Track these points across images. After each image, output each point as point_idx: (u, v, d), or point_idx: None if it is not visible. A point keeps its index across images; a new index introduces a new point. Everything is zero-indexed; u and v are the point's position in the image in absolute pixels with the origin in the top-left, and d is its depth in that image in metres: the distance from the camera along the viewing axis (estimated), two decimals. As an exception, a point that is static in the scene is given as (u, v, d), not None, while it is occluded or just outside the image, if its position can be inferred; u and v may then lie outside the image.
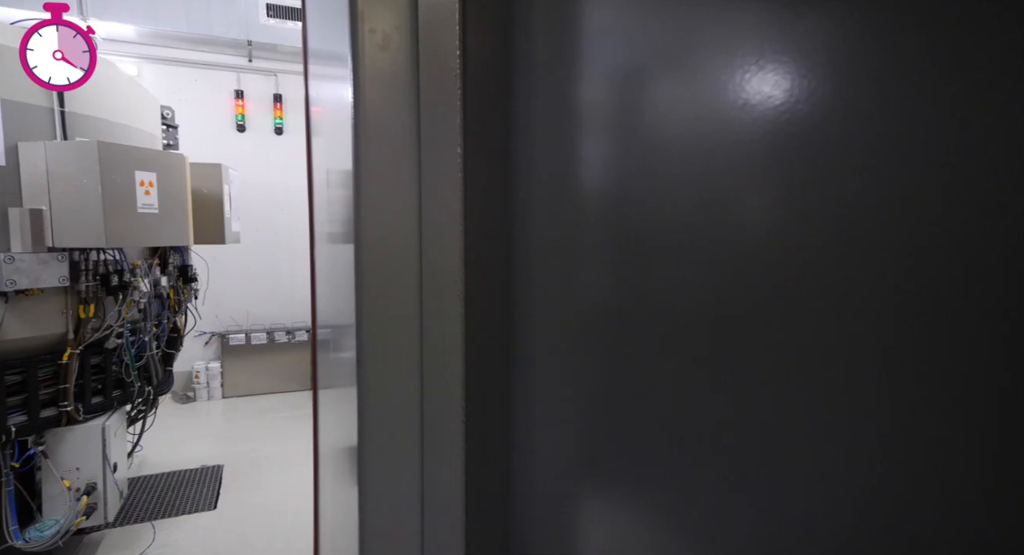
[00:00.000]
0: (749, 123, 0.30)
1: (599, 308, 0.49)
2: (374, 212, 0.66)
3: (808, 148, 0.27)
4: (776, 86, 0.28)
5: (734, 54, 0.31)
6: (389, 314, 0.66)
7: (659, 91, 0.38)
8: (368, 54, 0.64)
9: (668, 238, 0.39)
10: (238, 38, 4.32)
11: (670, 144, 0.38)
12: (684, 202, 0.37)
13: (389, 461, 0.68)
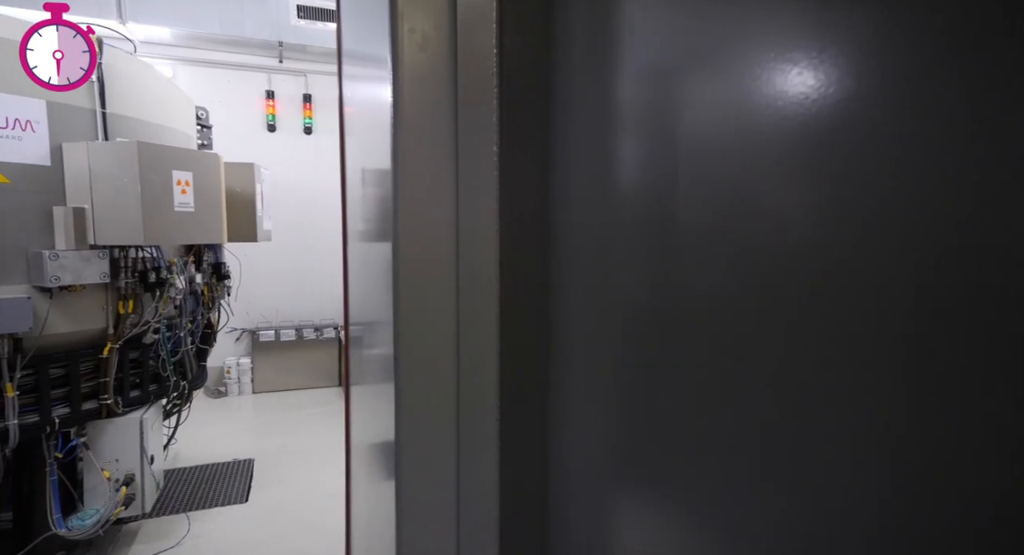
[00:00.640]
0: (791, 122, 0.30)
1: (635, 308, 0.49)
2: (412, 211, 0.66)
3: (845, 145, 0.27)
4: (819, 82, 0.28)
5: (776, 51, 0.30)
6: (426, 312, 0.67)
7: (699, 89, 0.38)
8: (408, 54, 0.64)
9: (706, 237, 0.38)
10: (269, 39, 4.39)
11: (709, 143, 0.37)
12: (723, 201, 0.36)
13: (425, 458, 0.68)
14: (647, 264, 0.47)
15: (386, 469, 0.77)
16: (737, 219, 0.35)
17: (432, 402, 0.67)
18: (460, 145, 0.64)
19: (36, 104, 1.86)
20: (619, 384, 0.52)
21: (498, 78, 0.61)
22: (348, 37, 1.16)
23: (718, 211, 0.37)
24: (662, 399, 0.45)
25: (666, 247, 0.44)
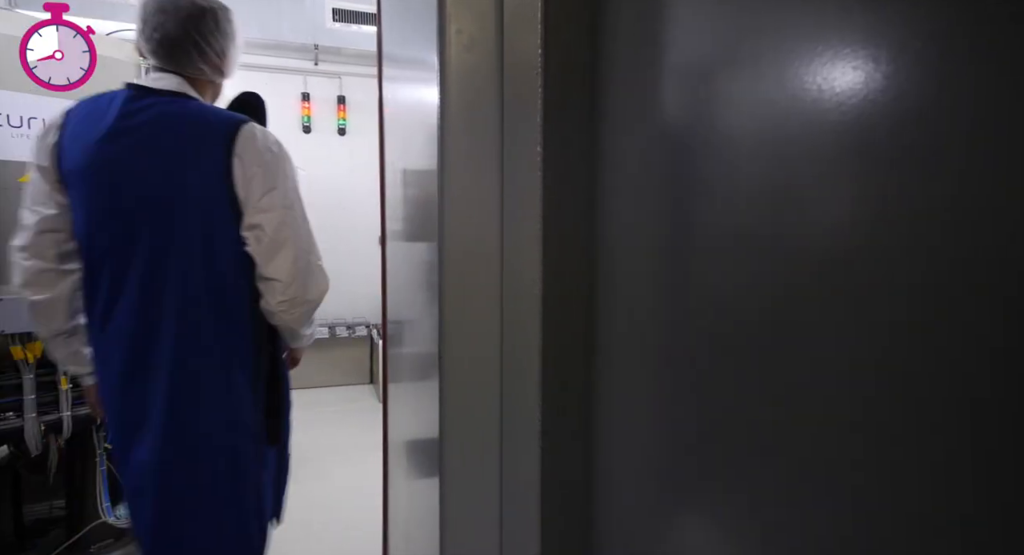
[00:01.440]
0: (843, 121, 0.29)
1: (683, 310, 0.48)
2: (458, 211, 0.67)
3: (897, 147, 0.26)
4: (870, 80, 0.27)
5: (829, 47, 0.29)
6: (470, 312, 0.67)
7: (755, 88, 0.37)
8: (455, 55, 0.65)
9: (764, 243, 0.37)
10: (306, 43, 4.48)
11: (765, 146, 0.37)
12: (784, 205, 0.35)
13: (469, 456, 0.69)
14: (695, 267, 0.46)
15: (428, 466, 0.78)
16: (797, 225, 0.34)
17: (475, 401, 0.68)
18: (505, 146, 0.64)
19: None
20: (665, 386, 0.52)
21: (543, 78, 0.61)
22: (389, 40, 1.18)
23: (777, 215, 0.36)
24: (710, 402, 0.45)
25: (718, 251, 0.43)
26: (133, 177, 1.15)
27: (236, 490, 1.25)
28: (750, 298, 0.39)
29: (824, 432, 0.32)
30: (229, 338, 1.22)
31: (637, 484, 0.57)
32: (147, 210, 1.15)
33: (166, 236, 1.15)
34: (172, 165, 1.15)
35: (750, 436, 0.39)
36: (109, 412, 1.24)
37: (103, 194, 1.15)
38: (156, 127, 1.15)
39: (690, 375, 0.47)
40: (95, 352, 1.23)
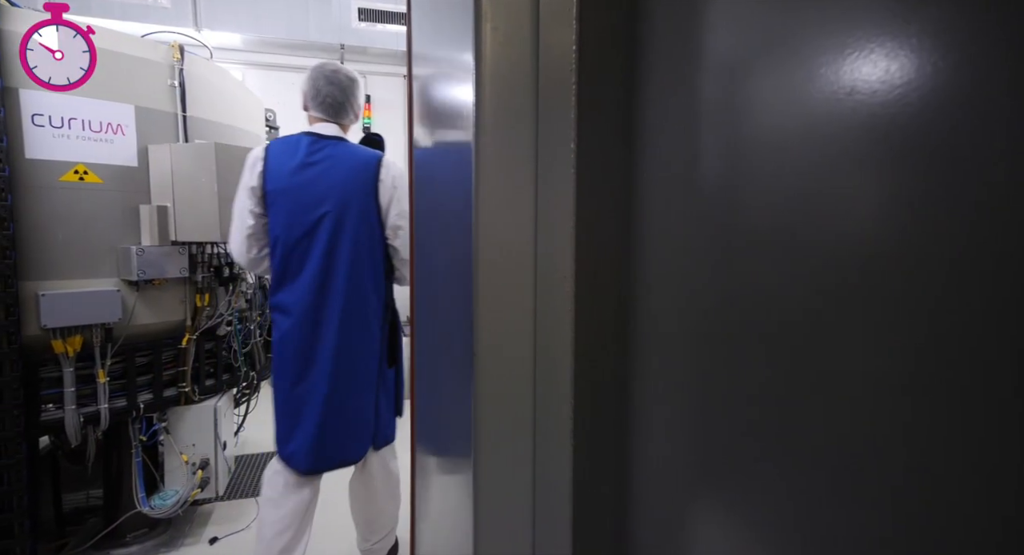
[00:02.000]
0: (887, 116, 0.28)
1: (718, 307, 0.48)
2: (492, 209, 0.67)
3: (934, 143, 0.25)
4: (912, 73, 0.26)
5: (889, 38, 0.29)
6: (504, 310, 0.67)
7: (798, 86, 0.36)
8: (490, 52, 0.65)
9: (800, 239, 0.37)
10: (332, 42, 4.53)
11: (804, 140, 0.36)
12: (829, 202, 0.34)
13: (502, 454, 0.69)
14: (733, 266, 0.46)
15: (459, 463, 0.79)
16: (840, 224, 0.34)
17: (508, 399, 0.68)
18: (540, 143, 0.64)
19: (126, 109, 1.98)
20: (701, 386, 0.51)
21: (576, 75, 0.61)
22: (419, 40, 1.19)
23: (819, 214, 0.35)
24: (746, 402, 0.44)
25: (756, 250, 0.43)
26: (316, 195, 1.79)
27: (370, 386, 1.90)
28: (789, 297, 0.38)
29: (866, 432, 0.32)
30: (372, 296, 1.85)
31: (672, 484, 0.57)
32: (324, 216, 1.78)
33: (337, 232, 1.79)
34: (341, 187, 1.80)
35: (789, 437, 0.39)
36: (289, 344, 1.83)
37: (296, 206, 1.78)
38: (330, 162, 1.81)
39: (726, 375, 0.47)
40: (281, 307, 1.84)
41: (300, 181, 1.77)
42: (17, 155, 1.80)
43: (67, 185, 1.90)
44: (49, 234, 1.88)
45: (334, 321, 1.80)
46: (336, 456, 1.89)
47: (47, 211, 1.87)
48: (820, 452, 0.35)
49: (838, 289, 0.33)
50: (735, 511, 0.47)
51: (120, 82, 1.99)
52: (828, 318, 0.35)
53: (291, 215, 1.78)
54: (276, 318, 1.86)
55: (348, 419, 1.86)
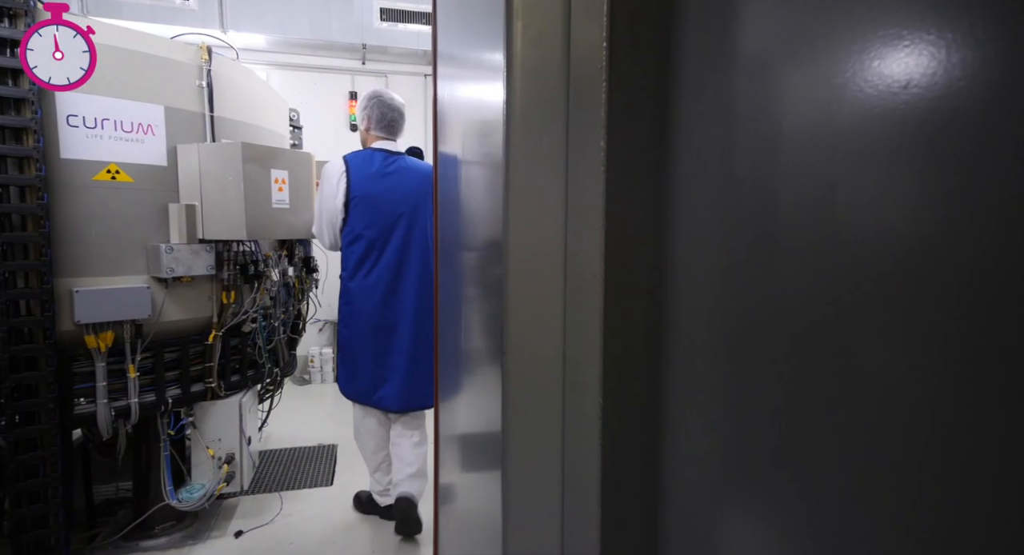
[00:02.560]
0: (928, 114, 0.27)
1: (753, 307, 0.47)
2: (523, 207, 0.67)
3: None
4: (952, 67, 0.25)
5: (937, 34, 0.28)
6: (535, 310, 0.67)
7: (844, 77, 0.35)
8: (521, 50, 0.65)
9: (836, 238, 0.36)
10: (354, 42, 4.57)
11: (850, 138, 0.35)
12: (862, 200, 0.34)
13: (532, 452, 0.69)
14: (769, 265, 0.45)
15: (486, 460, 0.79)
16: (882, 222, 0.33)
17: (538, 398, 0.68)
18: (570, 141, 0.64)
19: (156, 109, 2.03)
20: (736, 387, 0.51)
21: (607, 72, 0.61)
22: (444, 39, 1.19)
23: (860, 213, 0.35)
24: (784, 403, 0.43)
25: (793, 249, 0.42)
26: (394, 200, 2.32)
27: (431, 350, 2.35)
28: (825, 299, 0.38)
29: (903, 436, 0.31)
30: (431, 278, 2.31)
31: (703, 487, 0.56)
32: (401, 216, 2.31)
33: (408, 229, 2.32)
34: (413, 193, 2.35)
35: (823, 440, 0.38)
36: (370, 319, 2.33)
37: (374, 209, 2.29)
38: (403, 173, 2.35)
39: (759, 376, 0.46)
40: (360, 290, 2.34)
41: (381, 189, 2.29)
42: (53, 155, 1.85)
43: (100, 184, 1.94)
44: (82, 232, 1.93)
45: (411, 299, 2.33)
46: (414, 403, 2.40)
47: (81, 210, 1.92)
48: (855, 456, 0.35)
49: (876, 292, 0.33)
50: (766, 515, 0.47)
51: (151, 83, 2.03)
52: (865, 321, 0.34)
53: (373, 216, 2.29)
54: (353, 299, 2.37)
55: (426, 377, 2.38)
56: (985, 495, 0.26)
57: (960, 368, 0.27)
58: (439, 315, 1.32)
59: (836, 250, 0.36)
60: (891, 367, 0.32)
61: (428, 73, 5.14)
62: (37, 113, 1.78)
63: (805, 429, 0.40)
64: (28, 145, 1.78)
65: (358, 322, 2.35)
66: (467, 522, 0.98)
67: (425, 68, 5.10)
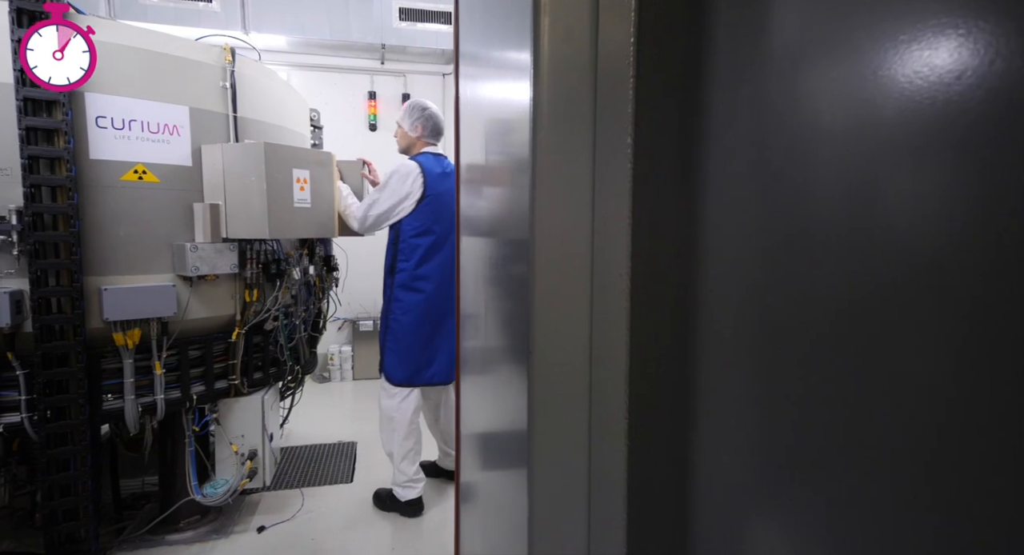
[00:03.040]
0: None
1: (785, 305, 0.46)
2: (549, 205, 0.66)
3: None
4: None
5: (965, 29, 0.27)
6: (561, 307, 0.67)
7: (887, 69, 0.34)
8: (549, 47, 0.64)
9: (871, 236, 0.35)
10: (373, 42, 4.60)
11: (883, 138, 0.34)
12: (894, 198, 0.33)
13: (558, 451, 0.68)
14: (800, 263, 0.44)
15: (510, 458, 0.79)
16: (919, 222, 0.32)
17: (564, 395, 0.68)
18: (597, 137, 0.64)
19: (181, 110, 2.06)
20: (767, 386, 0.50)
21: (635, 68, 0.60)
22: (467, 38, 1.19)
23: (895, 212, 0.34)
24: (816, 402, 0.42)
25: (824, 247, 0.41)
26: (453, 199, 2.28)
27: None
28: (867, 297, 0.37)
29: (938, 432, 0.30)
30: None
31: (736, 488, 0.55)
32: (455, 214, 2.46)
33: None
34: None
35: (859, 439, 0.37)
36: (432, 304, 2.52)
37: (442, 206, 2.51)
38: (453, 175, 2.41)
39: (792, 377, 0.45)
40: (425, 277, 2.52)
41: (445, 188, 2.52)
42: (82, 156, 1.89)
43: (127, 184, 1.98)
44: (111, 231, 1.97)
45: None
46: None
47: (109, 209, 1.96)
48: (896, 457, 0.34)
49: (918, 290, 0.32)
50: (800, 520, 0.46)
51: (177, 85, 2.07)
52: (906, 321, 0.33)
53: (440, 212, 2.52)
54: (419, 285, 2.54)
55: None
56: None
57: (1008, 368, 0.26)
58: (459, 312, 1.33)
59: (876, 249, 0.35)
60: (933, 367, 0.31)
61: (446, 72, 5.15)
62: (67, 115, 1.82)
63: (842, 429, 0.39)
64: (59, 146, 1.82)
65: (419, 308, 2.52)
66: (489, 519, 0.98)
67: (443, 67, 5.11)
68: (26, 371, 1.86)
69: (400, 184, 2.49)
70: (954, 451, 0.29)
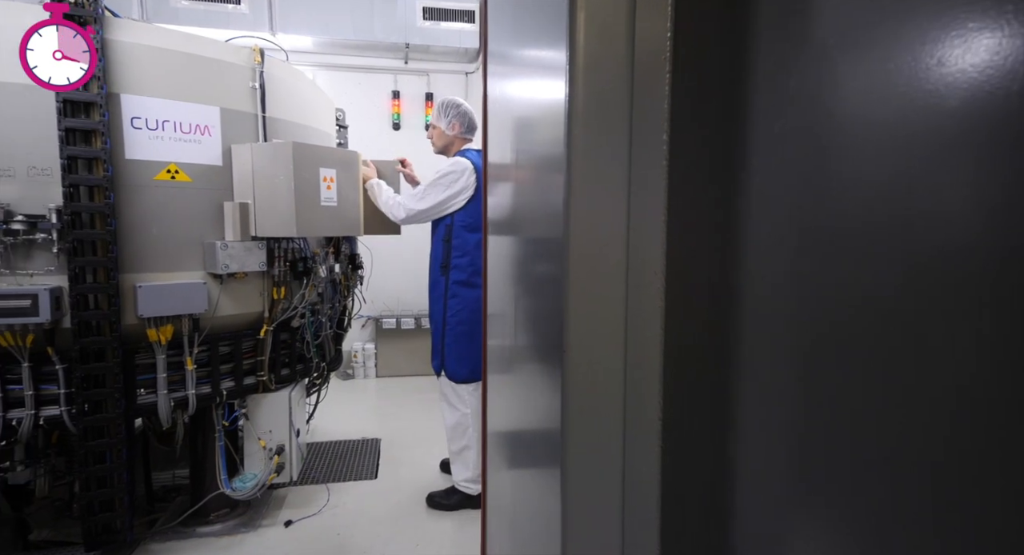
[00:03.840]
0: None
1: (827, 305, 0.45)
2: (584, 203, 0.66)
3: None
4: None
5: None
6: (595, 306, 0.66)
7: (950, 64, 0.33)
8: (584, 44, 0.64)
9: (920, 236, 0.34)
10: (396, 42, 4.62)
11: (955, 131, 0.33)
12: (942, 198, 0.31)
13: (592, 451, 0.68)
14: (844, 263, 0.43)
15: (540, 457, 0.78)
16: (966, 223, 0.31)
17: (598, 395, 0.67)
18: (633, 135, 0.63)
19: (212, 111, 2.10)
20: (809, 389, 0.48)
21: (671, 64, 0.59)
22: (495, 36, 1.19)
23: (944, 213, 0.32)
24: (859, 404, 0.41)
25: (868, 248, 0.40)
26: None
27: None
28: (911, 297, 0.36)
29: (984, 434, 0.29)
30: None
31: (772, 490, 0.54)
32: None
33: None
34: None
35: (909, 443, 0.36)
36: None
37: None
38: None
39: (839, 377, 0.44)
40: (479, 272, 2.48)
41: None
42: (118, 156, 1.94)
43: (160, 184, 2.03)
44: (144, 230, 2.01)
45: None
46: None
47: (143, 208, 2.00)
48: (948, 463, 0.32)
49: (972, 291, 0.31)
50: (843, 528, 0.44)
51: (208, 85, 2.10)
52: (956, 321, 0.32)
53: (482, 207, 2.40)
54: (478, 280, 2.55)
55: None
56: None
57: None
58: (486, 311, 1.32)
59: (928, 247, 0.34)
60: (987, 369, 0.30)
61: (469, 71, 5.16)
62: (104, 116, 1.86)
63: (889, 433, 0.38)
64: (96, 147, 1.87)
65: (479, 303, 2.57)
66: (518, 518, 0.97)
67: (466, 66, 5.12)
68: (65, 366, 1.91)
69: (455, 181, 2.51)
70: (1017, 457, 0.28)
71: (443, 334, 2.59)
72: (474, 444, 2.59)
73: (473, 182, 2.54)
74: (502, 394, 1.15)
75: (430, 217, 2.57)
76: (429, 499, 2.67)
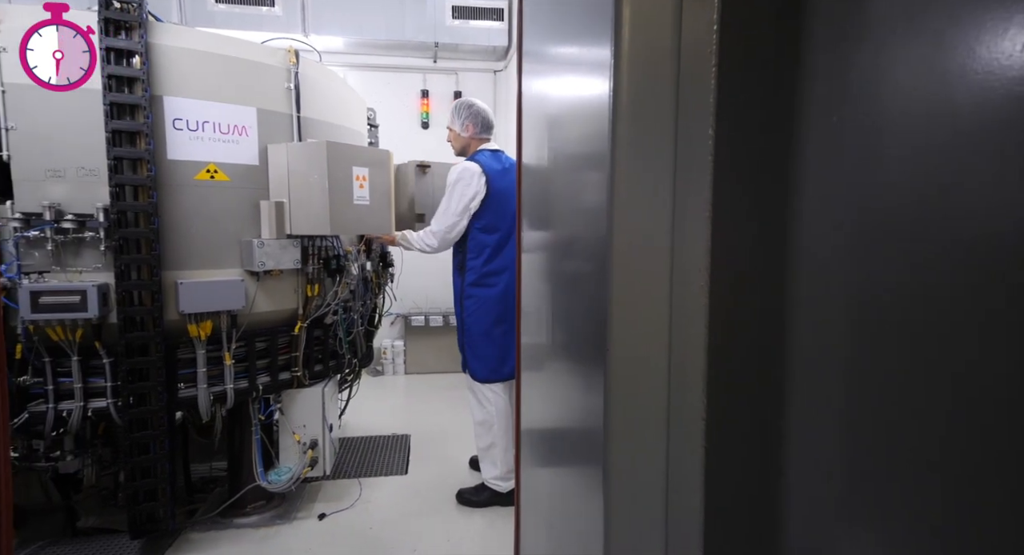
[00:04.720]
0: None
1: (882, 308, 0.43)
2: (628, 201, 0.65)
3: None
4: None
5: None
6: (639, 305, 0.65)
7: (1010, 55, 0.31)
8: (629, 37, 0.63)
9: (984, 235, 0.32)
10: (425, 41, 4.65)
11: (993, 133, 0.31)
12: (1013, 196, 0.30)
13: (634, 451, 0.67)
14: (898, 264, 0.41)
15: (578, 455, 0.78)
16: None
17: (641, 395, 0.66)
18: (679, 132, 0.62)
19: (250, 111, 2.14)
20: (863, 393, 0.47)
21: (717, 58, 0.58)
22: (531, 34, 1.18)
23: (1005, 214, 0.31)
24: (911, 408, 0.40)
25: (929, 251, 0.38)
26: (513, 194, 2.44)
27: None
28: (975, 299, 0.34)
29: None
30: None
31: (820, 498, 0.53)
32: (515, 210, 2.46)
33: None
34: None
35: (973, 448, 0.34)
36: (506, 298, 2.57)
37: (507, 201, 2.57)
38: (515, 168, 2.36)
39: (896, 382, 0.42)
40: (496, 272, 2.59)
41: (508, 183, 2.56)
42: (161, 156, 1.99)
43: (200, 183, 2.08)
44: (185, 228, 2.07)
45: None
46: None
47: (183, 207, 2.06)
48: (1002, 468, 0.31)
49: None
50: (895, 538, 0.43)
51: (246, 87, 2.15)
52: (1009, 324, 0.30)
53: (505, 207, 2.57)
54: (491, 281, 2.60)
55: None
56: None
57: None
58: (520, 309, 1.32)
59: (993, 248, 0.32)
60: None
61: (497, 69, 5.16)
62: (148, 118, 1.92)
63: (958, 438, 0.36)
64: (140, 147, 1.93)
65: (492, 303, 2.58)
66: (555, 516, 0.97)
67: (494, 64, 5.12)
68: (111, 359, 1.98)
69: (466, 188, 2.53)
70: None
71: (462, 334, 2.65)
72: (500, 441, 2.61)
73: (484, 184, 2.53)
74: (537, 391, 1.15)
75: (460, 228, 2.57)
76: (459, 496, 2.68)
